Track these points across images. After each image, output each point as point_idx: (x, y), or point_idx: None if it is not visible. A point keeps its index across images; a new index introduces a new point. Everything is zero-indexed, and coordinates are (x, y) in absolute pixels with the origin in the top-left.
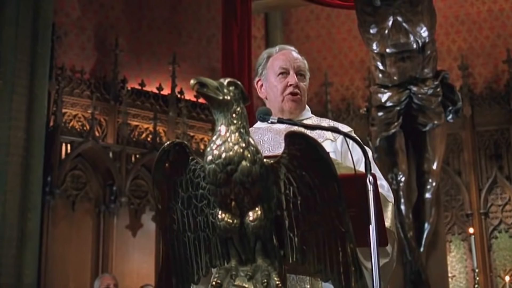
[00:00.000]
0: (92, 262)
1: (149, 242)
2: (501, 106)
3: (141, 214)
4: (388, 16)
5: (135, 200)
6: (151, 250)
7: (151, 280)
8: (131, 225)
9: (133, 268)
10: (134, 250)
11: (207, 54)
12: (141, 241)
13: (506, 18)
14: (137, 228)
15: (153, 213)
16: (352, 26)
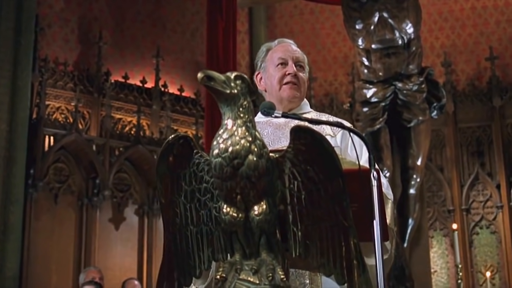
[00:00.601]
0: (75, 255)
1: (132, 236)
2: (483, 103)
3: (124, 207)
4: (374, 12)
5: (118, 194)
6: (134, 244)
7: (133, 274)
8: (114, 219)
9: (116, 261)
10: (117, 243)
11: (191, 48)
12: (124, 235)
13: (489, 15)
14: (120, 221)
15: (136, 207)
16: (336, 22)
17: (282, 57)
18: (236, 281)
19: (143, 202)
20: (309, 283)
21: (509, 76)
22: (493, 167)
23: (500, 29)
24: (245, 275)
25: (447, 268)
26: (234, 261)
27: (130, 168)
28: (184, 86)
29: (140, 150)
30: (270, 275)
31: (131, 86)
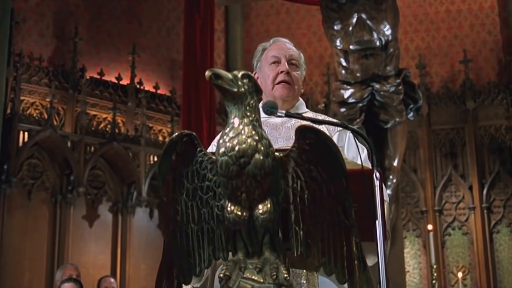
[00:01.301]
0: (48, 253)
1: (106, 233)
2: (456, 106)
3: (98, 204)
4: (352, 13)
5: (92, 191)
6: (108, 241)
7: (107, 271)
8: (87, 216)
9: (89, 259)
10: (91, 240)
11: (166, 45)
12: (98, 232)
13: (463, 19)
14: (94, 218)
15: (110, 204)
16: (312, 22)
17: (276, 55)
18: (240, 279)
19: (117, 199)
20: (305, 283)
21: (483, 79)
22: (466, 169)
23: (474, 33)
24: (249, 274)
25: (419, 269)
26: (237, 259)
27: (105, 165)
28: (160, 83)
29: (115, 147)
30: (274, 274)
31: (107, 82)
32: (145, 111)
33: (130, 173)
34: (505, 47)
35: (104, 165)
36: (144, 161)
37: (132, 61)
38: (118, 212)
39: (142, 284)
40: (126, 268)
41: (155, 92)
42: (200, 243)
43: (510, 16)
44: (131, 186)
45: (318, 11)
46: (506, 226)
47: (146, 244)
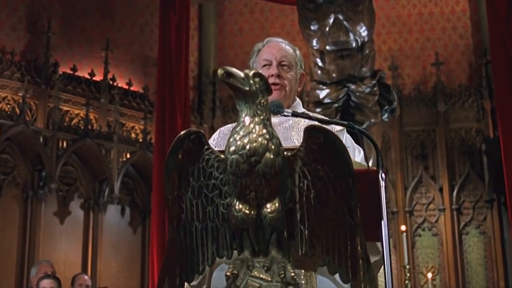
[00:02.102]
0: (18, 249)
1: (77, 230)
2: (428, 108)
3: (69, 201)
4: (329, 14)
5: (64, 187)
6: (79, 238)
7: (78, 268)
8: (59, 212)
9: (60, 256)
10: (62, 237)
11: (140, 42)
12: (69, 229)
13: (435, 22)
14: (65, 215)
15: (81, 201)
16: (285, 22)
17: (266, 58)
18: (248, 278)
19: (89, 196)
20: (304, 283)
21: (454, 82)
22: (436, 170)
23: (446, 36)
24: (257, 272)
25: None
26: (245, 258)
27: (77, 162)
28: (133, 80)
29: (88, 143)
30: (282, 272)
31: (79, 78)
32: (118, 107)
33: (103, 170)
34: (476, 51)
35: (76, 162)
36: (117, 158)
37: (105, 57)
38: (90, 209)
39: (113, 282)
40: (97, 265)
41: (128, 89)
42: (204, 241)
43: (481, 20)
44: (103, 183)
45: (292, 11)
46: (475, 227)
47: (117, 242)
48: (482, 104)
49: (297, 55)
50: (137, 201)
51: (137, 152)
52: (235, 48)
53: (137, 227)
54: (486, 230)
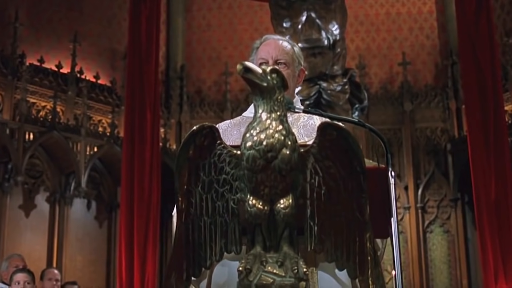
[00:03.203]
0: None
1: (42, 223)
2: (394, 107)
3: (35, 194)
4: (302, 11)
5: (30, 180)
6: (44, 232)
7: (43, 262)
8: (24, 205)
9: (25, 249)
10: (27, 231)
11: (107, 35)
12: (34, 222)
13: (402, 22)
14: (31, 208)
15: (47, 194)
16: (254, 18)
17: (263, 56)
18: (262, 273)
19: (55, 189)
20: None
21: (420, 82)
22: (402, 169)
23: (413, 36)
24: (270, 268)
25: None
26: (258, 253)
27: (43, 154)
28: (100, 73)
29: (55, 136)
30: (295, 268)
31: (47, 70)
32: (86, 100)
33: (70, 163)
34: (442, 52)
35: (42, 154)
36: (84, 152)
37: (73, 50)
38: (56, 203)
39: (78, 276)
40: (63, 259)
41: (96, 82)
42: (212, 236)
43: (448, 21)
44: (70, 176)
45: (260, 7)
46: (439, 226)
47: (83, 236)
48: (447, 104)
49: (295, 52)
50: (104, 195)
51: (104, 146)
52: (203, 43)
53: (103, 222)
54: (450, 228)
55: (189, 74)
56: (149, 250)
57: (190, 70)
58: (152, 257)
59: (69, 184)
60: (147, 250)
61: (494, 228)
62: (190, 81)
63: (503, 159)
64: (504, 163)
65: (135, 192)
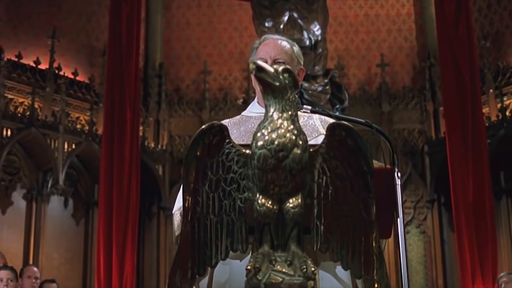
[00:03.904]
0: None
1: (19, 221)
2: (372, 108)
3: (11, 191)
4: (284, 11)
5: (6, 177)
6: (21, 229)
7: (19, 260)
8: (0, 202)
9: (1, 246)
10: (3, 228)
11: (86, 31)
12: (11, 220)
13: (381, 24)
14: (7, 205)
15: (24, 191)
16: (233, 17)
17: (261, 56)
18: (271, 272)
19: (32, 186)
20: None
21: (398, 84)
22: None
23: (391, 38)
24: (280, 267)
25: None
26: (266, 252)
27: (20, 151)
28: (79, 70)
29: (33, 133)
30: (304, 267)
31: (25, 66)
32: (65, 97)
33: (47, 160)
34: (420, 54)
35: (19, 151)
36: (62, 149)
37: (52, 46)
38: (32, 200)
39: (55, 274)
40: (39, 257)
41: (74, 78)
42: (218, 234)
43: (426, 23)
44: (47, 173)
45: (240, 7)
46: (416, 227)
47: (59, 234)
48: (425, 106)
49: (294, 51)
50: (81, 193)
51: (82, 143)
52: (182, 41)
53: (80, 219)
54: (426, 229)
55: (168, 72)
56: (127, 249)
57: (168, 68)
58: (131, 256)
59: (46, 181)
60: (126, 249)
61: (471, 229)
62: (168, 79)
63: (481, 160)
64: (482, 164)
65: (114, 190)
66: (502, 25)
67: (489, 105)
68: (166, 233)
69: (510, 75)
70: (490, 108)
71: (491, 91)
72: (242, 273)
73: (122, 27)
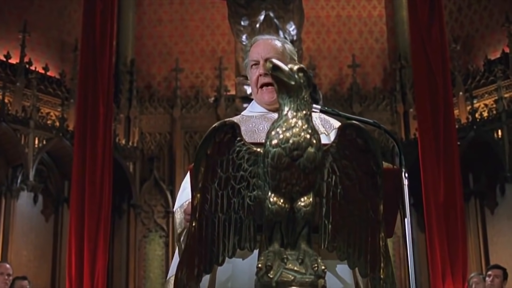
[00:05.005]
0: None
1: None
2: (343, 108)
3: None
4: (260, 11)
5: None
6: None
7: None
8: None
9: None
10: None
11: (58, 26)
12: None
13: (353, 25)
14: None
15: None
16: (205, 15)
17: (254, 58)
18: (282, 269)
19: (2, 182)
20: None
21: (369, 85)
22: None
23: (363, 39)
24: (291, 265)
25: None
26: (277, 250)
27: None
28: (50, 65)
29: (3, 128)
30: (315, 265)
31: None
32: (36, 92)
33: (17, 156)
34: (391, 55)
35: None
36: (33, 144)
37: (22, 40)
38: (2, 196)
39: (24, 271)
40: (8, 254)
41: (45, 73)
42: (226, 232)
43: (397, 25)
44: (17, 169)
45: (212, 5)
46: None
47: (29, 230)
48: (395, 108)
49: (286, 49)
50: (51, 189)
51: (53, 139)
52: (153, 38)
53: (50, 216)
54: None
55: (139, 69)
56: (99, 246)
57: (140, 65)
58: (103, 253)
59: (16, 177)
60: (98, 246)
61: (442, 230)
62: (139, 76)
63: (452, 162)
64: (453, 166)
65: (86, 187)
66: (472, 29)
67: (459, 107)
68: (136, 230)
69: (479, 78)
70: (460, 110)
71: (461, 94)
72: (244, 271)
73: (96, 22)
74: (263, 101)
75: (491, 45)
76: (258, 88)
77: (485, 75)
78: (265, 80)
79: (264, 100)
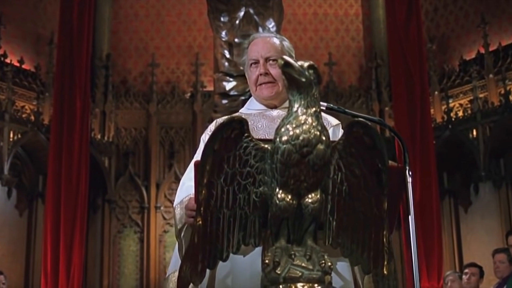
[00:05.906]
0: None
1: None
2: None
3: None
4: (240, 7)
5: None
6: None
7: None
8: None
9: None
10: None
11: (33, 19)
12: None
13: (329, 22)
14: None
15: None
16: (182, 10)
17: (253, 58)
18: (290, 265)
19: None
20: None
21: (345, 83)
22: None
23: (339, 37)
24: (299, 261)
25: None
26: (284, 246)
27: None
28: (25, 58)
29: None
30: (322, 262)
31: None
32: (11, 85)
33: None
34: (366, 54)
35: None
36: (8, 138)
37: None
38: None
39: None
40: None
41: (20, 66)
42: (231, 228)
43: (373, 24)
44: None
45: (189, 0)
46: None
47: (2, 225)
48: (371, 106)
49: (285, 46)
50: (25, 184)
51: (28, 132)
52: (129, 32)
53: (24, 211)
54: None
55: (115, 64)
56: (76, 241)
57: (116, 59)
58: (79, 248)
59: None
60: (74, 241)
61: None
62: (115, 71)
63: (428, 160)
64: (429, 164)
65: (62, 182)
66: (448, 29)
67: (434, 107)
68: (111, 225)
69: (455, 78)
70: (435, 110)
71: (436, 94)
72: (245, 268)
73: (73, 15)
74: (262, 96)
75: (466, 46)
76: (256, 86)
77: (460, 75)
78: (265, 79)
79: (263, 96)
